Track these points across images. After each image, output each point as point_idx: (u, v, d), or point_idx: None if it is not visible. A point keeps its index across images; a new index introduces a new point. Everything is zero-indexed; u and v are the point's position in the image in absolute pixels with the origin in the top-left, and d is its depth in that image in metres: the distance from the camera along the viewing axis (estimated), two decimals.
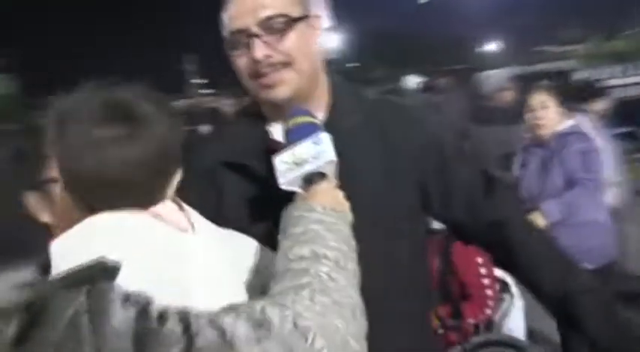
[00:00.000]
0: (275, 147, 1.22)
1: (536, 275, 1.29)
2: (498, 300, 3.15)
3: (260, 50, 1.20)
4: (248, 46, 1.21)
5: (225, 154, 1.33)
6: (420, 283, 1.39)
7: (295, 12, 1.23)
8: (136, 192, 0.91)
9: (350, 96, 1.35)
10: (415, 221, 1.35)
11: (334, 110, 1.31)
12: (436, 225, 2.01)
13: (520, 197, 1.47)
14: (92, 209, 0.91)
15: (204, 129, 7.40)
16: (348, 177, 1.20)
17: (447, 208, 1.35)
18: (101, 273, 0.76)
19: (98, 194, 0.91)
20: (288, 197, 1.16)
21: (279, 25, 1.21)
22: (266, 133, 1.33)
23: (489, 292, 3.06)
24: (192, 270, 0.91)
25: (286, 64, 1.23)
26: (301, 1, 1.27)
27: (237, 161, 1.30)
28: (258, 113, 1.36)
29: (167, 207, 0.98)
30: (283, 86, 1.24)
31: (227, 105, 7.02)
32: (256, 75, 1.24)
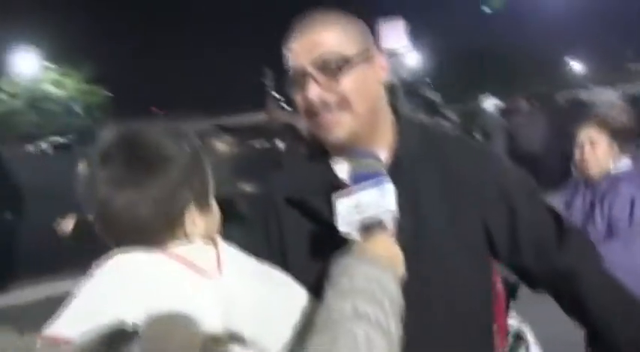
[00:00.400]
0: (338, 185, 1.21)
1: (611, 328, 1.23)
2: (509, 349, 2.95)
3: (314, 91, 1.17)
4: (305, 85, 1.18)
5: (288, 189, 1.30)
6: (483, 327, 1.32)
7: (352, 50, 1.18)
8: (145, 233, 0.95)
9: (413, 135, 1.30)
10: (481, 262, 1.28)
11: (397, 149, 1.27)
12: None
13: (592, 242, 1.39)
14: (117, 245, 0.97)
15: (280, 144, 7.53)
16: (412, 215, 1.20)
17: (514, 253, 1.27)
18: (120, 338, 0.81)
19: (109, 232, 0.98)
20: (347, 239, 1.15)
21: (334, 65, 1.16)
22: (330, 170, 1.30)
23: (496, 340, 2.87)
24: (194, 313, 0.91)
25: (342, 106, 1.18)
26: (362, 38, 1.22)
27: (300, 198, 1.27)
28: (323, 148, 1.31)
29: (189, 247, 0.98)
30: (339, 128, 1.19)
31: (302, 124, 7.07)
32: (312, 114, 1.21)
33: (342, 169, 1.24)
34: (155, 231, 0.96)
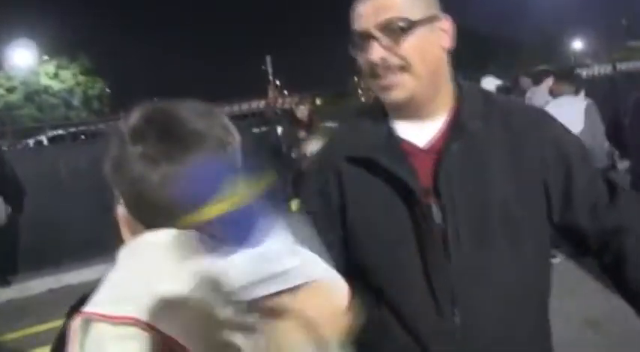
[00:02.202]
0: (399, 145, 1.28)
1: None
2: None
3: (376, 53, 1.21)
4: (368, 48, 1.22)
5: (350, 148, 1.33)
6: (544, 296, 1.34)
7: (417, 15, 1.21)
8: (179, 211, 0.86)
9: (475, 99, 1.32)
10: (543, 224, 1.30)
11: (459, 114, 1.29)
12: None
13: None
14: (148, 227, 0.90)
15: (280, 130, 7.46)
16: (477, 178, 1.23)
17: (567, 212, 1.30)
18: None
19: (142, 212, 0.91)
20: (410, 195, 1.22)
21: (398, 28, 1.19)
22: (392, 130, 1.32)
23: None
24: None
25: (403, 68, 1.21)
26: (427, 2, 1.25)
27: (363, 156, 1.29)
28: (383, 109, 1.35)
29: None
30: (399, 90, 1.23)
31: (300, 110, 7.02)
32: (374, 75, 1.24)
33: (403, 130, 1.30)
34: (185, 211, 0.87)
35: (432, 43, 1.24)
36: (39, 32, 26.69)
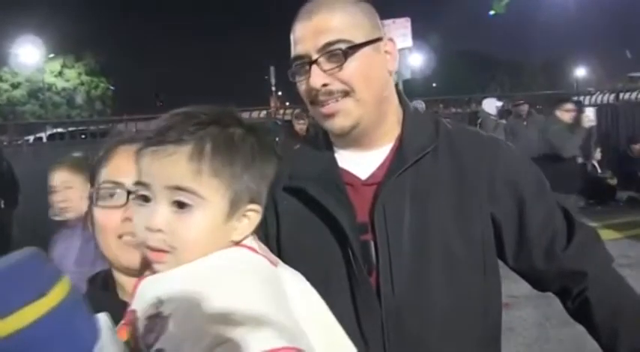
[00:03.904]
0: (340, 175, 1.20)
1: (617, 336, 1.17)
2: None
3: (317, 78, 1.12)
4: (308, 73, 1.13)
5: (288, 178, 1.23)
6: (489, 327, 1.24)
7: (360, 37, 1.13)
8: None
9: (422, 127, 1.24)
10: (489, 260, 1.22)
11: (403, 142, 1.21)
12: None
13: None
14: None
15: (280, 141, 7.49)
16: (417, 212, 1.15)
17: (521, 254, 1.22)
18: None
19: None
20: (343, 232, 1.14)
21: (340, 52, 1.11)
22: (333, 159, 1.24)
23: None
24: (291, 307, 0.86)
25: (346, 93, 1.13)
26: (370, 24, 1.16)
27: (298, 186, 1.21)
28: (326, 138, 1.27)
29: (251, 239, 0.92)
30: (343, 117, 1.14)
31: (298, 123, 7.05)
32: (315, 102, 1.15)
33: (345, 160, 1.22)
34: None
35: (377, 67, 1.16)
36: (46, 29, 26.79)
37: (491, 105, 8.70)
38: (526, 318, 4.39)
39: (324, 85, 1.12)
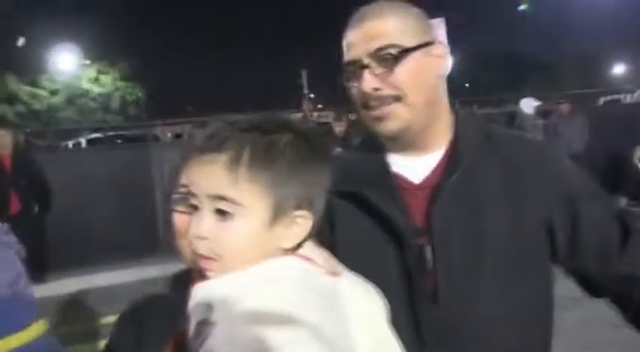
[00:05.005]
0: (392, 179, 1.21)
1: None
2: None
3: (369, 83, 1.15)
4: (360, 78, 1.16)
5: (341, 182, 1.19)
6: (541, 336, 1.24)
7: (411, 41, 1.15)
8: None
9: (474, 132, 1.25)
10: (543, 265, 1.23)
11: (456, 146, 1.22)
12: None
13: None
14: None
15: None
16: (473, 217, 1.17)
17: (575, 258, 1.22)
18: None
19: None
20: (401, 236, 1.16)
21: (391, 57, 1.14)
22: (385, 163, 1.26)
23: None
24: (346, 322, 0.85)
25: (397, 98, 1.15)
26: (421, 28, 1.19)
27: (352, 190, 1.22)
28: (378, 142, 1.28)
29: (311, 250, 0.91)
30: (393, 120, 1.17)
31: (337, 125, 7.13)
32: (367, 106, 1.19)
33: (397, 164, 1.24)
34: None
35: (427, 71, 1.18)
36: (82, 36, 27.45)
37: (528, 105, 8.58)
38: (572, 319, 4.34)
39: (376, 90, 1.15)
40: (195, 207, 0.86)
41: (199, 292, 0.85)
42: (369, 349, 0.85)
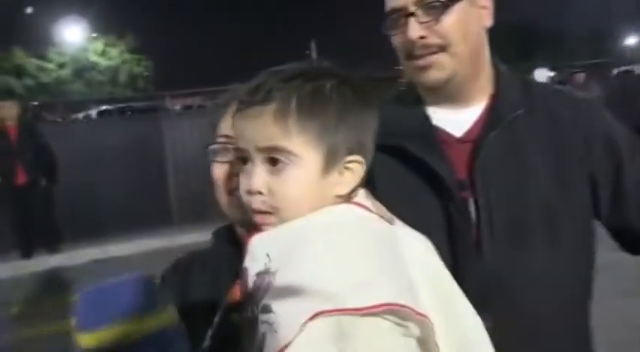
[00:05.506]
0: (434, 133, 1.19)
1: None
2: None
3: (414, 31, 1.12)
4: (405, 26, 1.14)
5: (381, 137, 1.12)
6: (580, 293, 1.24)
7: None
8: None
9: (516, 87, 1.23)
10: (587, 223, 1.22)
11: (497, 102, 1.21)
12: None
13: None
14: None
15: None
16: (517, 171, 1.16)
17: (618, 212, 1.20)
18: None
19: None
20: (444, 189, 1.14)
21: (438, 4, 1.11)
22: (425, 117, 1.24)
23: None
24: (407, 266, 0.83)
25: (442, 47, 1.13)
26: None
27: (394, 144, 1.18)
28: (417, 95, 1.26)
29: (365, 199, 0.89)
30: (437, 69, 1.15)
31: None
32: (411, 56, 1.16)
33: (438, 118, 1.22)
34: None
35: (473, 21, 1.16)
36: (88, 9, 27.28)
37: (542, 76, 8.49)
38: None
39: (421, 38, 1.13)
40: (243, 161, 0.84)
41: (257, 244, 0.83)
42: (430, 306, 0.82)
